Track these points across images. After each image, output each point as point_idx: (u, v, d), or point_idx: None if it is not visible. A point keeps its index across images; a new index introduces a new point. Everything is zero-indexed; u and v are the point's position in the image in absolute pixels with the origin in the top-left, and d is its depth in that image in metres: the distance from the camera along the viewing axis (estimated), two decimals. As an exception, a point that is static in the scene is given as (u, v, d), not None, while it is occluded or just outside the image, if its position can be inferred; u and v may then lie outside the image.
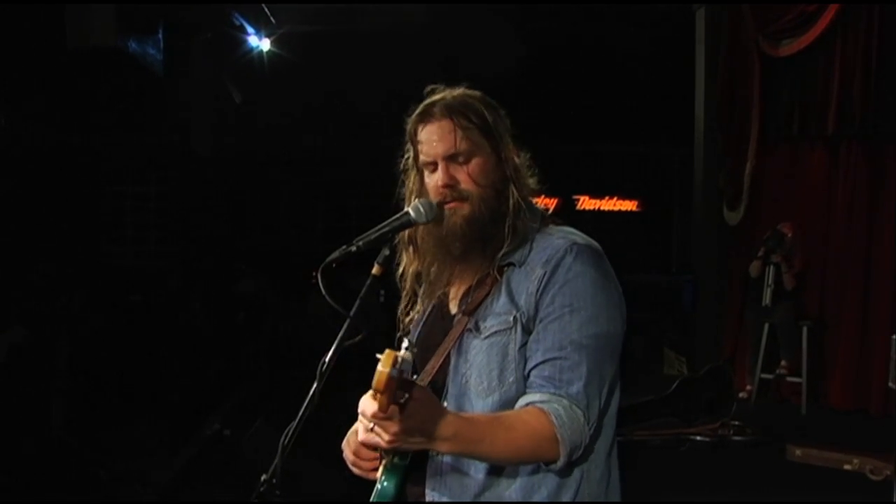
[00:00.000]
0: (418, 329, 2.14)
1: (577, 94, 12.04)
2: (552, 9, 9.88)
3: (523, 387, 1.88)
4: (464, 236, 1.95)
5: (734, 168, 8.59)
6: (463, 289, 2.04)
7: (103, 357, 7.50)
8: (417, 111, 2.01)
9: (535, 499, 1.88)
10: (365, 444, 1.80)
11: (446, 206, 1.96)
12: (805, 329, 7.76)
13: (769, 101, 8.28)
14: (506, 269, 1.96)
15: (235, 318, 10.11)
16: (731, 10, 8.54)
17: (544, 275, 1.89)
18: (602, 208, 15.15)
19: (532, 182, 2.06)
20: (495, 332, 1.91)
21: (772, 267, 7.87)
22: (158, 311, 9.50)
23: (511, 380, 1.88)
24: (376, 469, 2.02)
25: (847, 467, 5.95)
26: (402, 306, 2.20)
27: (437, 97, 2.01)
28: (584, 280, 1.88)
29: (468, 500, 1.90)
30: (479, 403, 1.89)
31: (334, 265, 1.94)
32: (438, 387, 1.97)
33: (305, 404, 1.90)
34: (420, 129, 1.99)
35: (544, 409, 1.79)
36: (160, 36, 7.33)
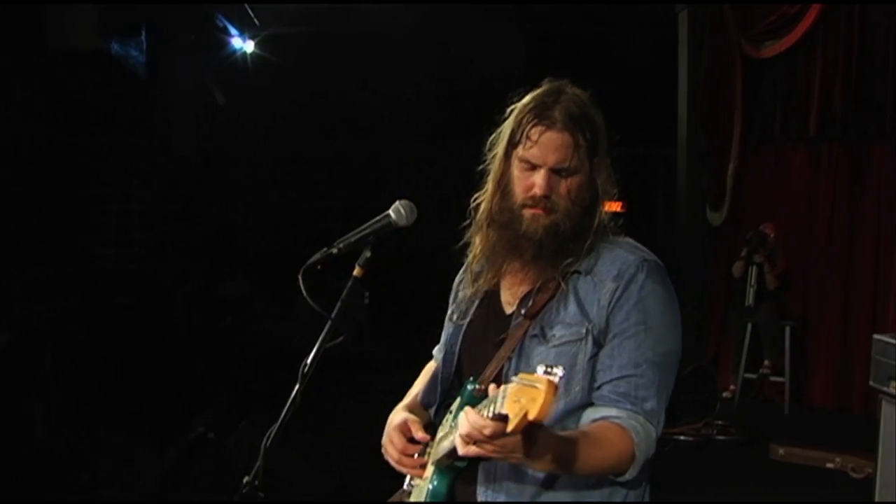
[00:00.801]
0: (465, 321, 2.14)
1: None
2: (534, 10, 9.90)
3: (587, 396, 1.91)
4: (540, 244, 1.96)
5: (717, 169, 8.62)
6: (522, 290, 2.04)
7: (87, 360, 7.47)
8: (535, 108, 1.97)
9: (591, 496, 1.92)
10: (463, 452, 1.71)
11: (529, 210, 1.96)
12: (788, 329, 7.80)
13: (751, 102, 8.32)
14: (570, 276, 1.97)
15: (221, 320, 10.09)
16: (713, 13, 8.58)
17: (616, 289, 1.92)
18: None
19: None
20: (566, 342, 1.92)
21: (754, 267, 7.91)
22: (143, 313, 9.46)
23: (577, 389, 1.91)
24: (422, 467, 2.03)
25: (829, 465, 6.01)
26: (462, 278, 2.24)
27: (554, 93, 1.98)
28: (655, 298, 1.93)
29: (525, 499, 1.92)
30: None
31: (319, 267, 1.96)
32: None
33: (287, 406, 1.91)
34: (535, 128, 1.95)
35: (624, 426, 1.84)
36: (142, 37, 7.31)
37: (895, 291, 7.29)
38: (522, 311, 1.99)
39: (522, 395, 1.47)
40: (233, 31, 9.55)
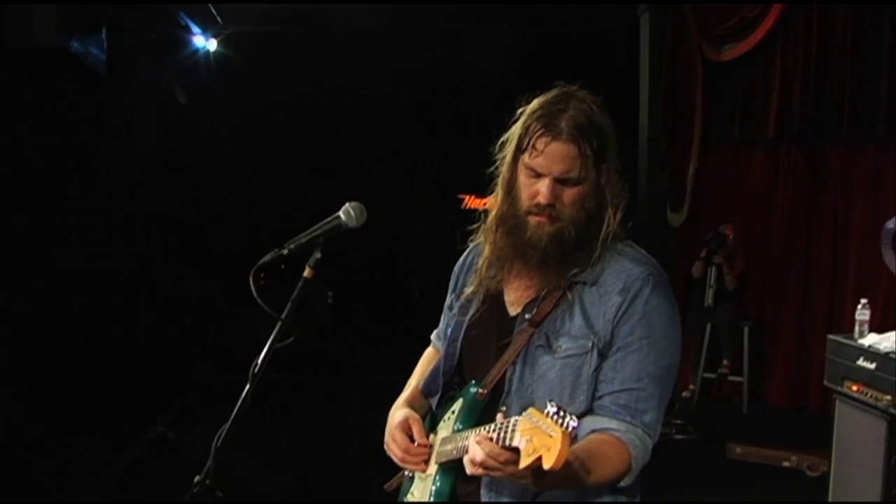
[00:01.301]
0: (468, 317, 2.16)
1: (521, 95, 12.06)
2: (497, 10, 9.92)
3: (590, 405, 1.95)
4: (545, 252, 1.98)
5: (677, 170, 8.68)
6: (527, 295, 2.06)
7: (47, 359, 7.41)
8: (542, 116, 1.97)
9: (588, 499, 1.98)
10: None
11: (534, 217, 1.98)
12: (746, 329, 7.88)
13: (711, 104, 8.37)
14: (576, 286, 1.99)
15: (181, 320, 10.04)
16: (675, 16, 8.64)
17: (622, 303, 1.94)
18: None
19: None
20: (571, 355, 1.95)
21: (714, 268, 7.99)
22: (104, 313, 9.39)
23: (581, 399, 1.94)
24: (425, 462, 2.09)
25: (785, 464, 6.09)
26: (461, 270, 2.28)
27: (562, 101, 1.99)
28: (660, 312, 1.96)
29: (527, 499, 1.96)
30: None
31: (283, 266, 1.97)
32: (499, 392, 2.02)
33: (237, 406, 1.92)
34: (542, 138, 1.95)
35: (623, 439, 1.89)
36: (103, 35, 7.25)
37: (852, 292, 7.37)
38: (527, 317, 2.02)
39: (535, 436, 1.55)
40: (195, 29, 9.50)
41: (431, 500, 2.04)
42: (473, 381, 2.05)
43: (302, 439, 6.64)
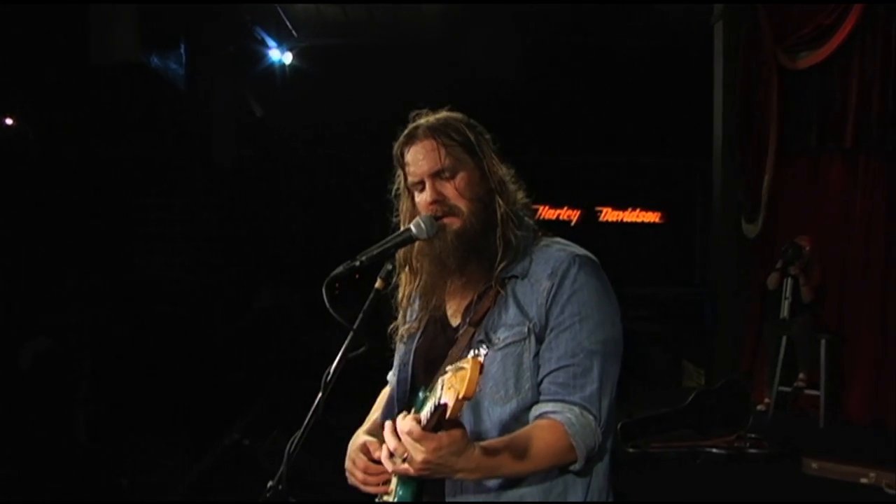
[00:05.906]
0: (415, 342, 2.20)
1: (599, 105, 12.05)
2: (575, 21, 9.93)
3: (538, 392, 1.99)
4: (456, 250, 2.04)
5: (752, 180, 8.58)
6: (465, 302, 2.11)
7: (126, 367, 7.59)
8: (403, 135, 2.12)
9: (552, 498, 1.99)
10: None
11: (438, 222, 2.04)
12: (823, 342, 7.70)
13: (787, 113, 8.26)
14: (508, 281, 2.05)
15: (256, 329, 10.20)
16: (749, 23, 8.55)
17: (552, 287, 2.00)
18: (625, 220, 15.12)
19: (520, 196, 2.16)
20: (510, 343, 2.00)
21: (790, 279, 7.85)
22: (181, 322, 9.59)
23: (527, 387, 1.98)
24: (386, 483, 2.08)
25: (864, 481, 5.93)
26: (394, 325, 2.27)
27: (420, 121, 2.12)
28: (589, 290, 2.01)
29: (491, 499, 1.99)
30: (497, 410, 1.99)
31: (356, 276, 2.01)
32: None
33: (310, 414, 1.96)
34: (406, 151, 2.10)
35: (557, 419, 1.91)
36: (181, 50, 7.45)
37: (933, 305, 7.21)
38: (467, 320, 2.07)
39: (455, 381, 1.58)
40: (271, 42, 9.68)
41: None
42: (423, 387, 2.05)
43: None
